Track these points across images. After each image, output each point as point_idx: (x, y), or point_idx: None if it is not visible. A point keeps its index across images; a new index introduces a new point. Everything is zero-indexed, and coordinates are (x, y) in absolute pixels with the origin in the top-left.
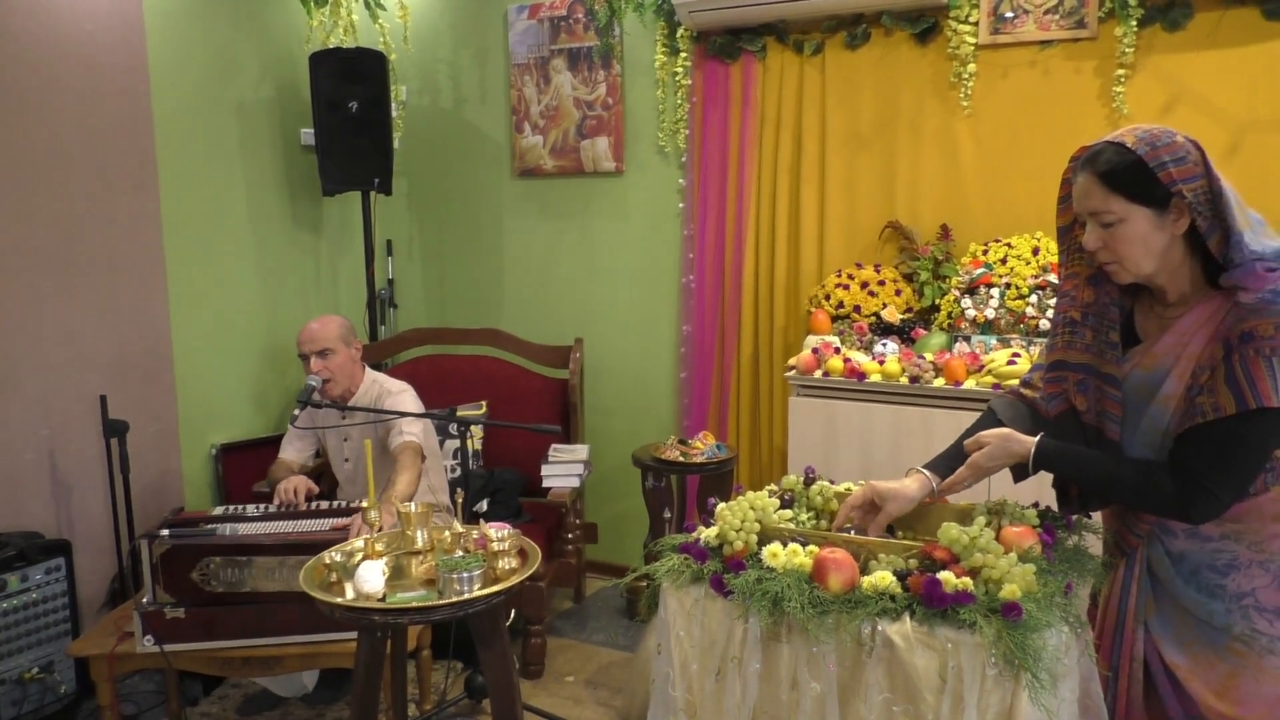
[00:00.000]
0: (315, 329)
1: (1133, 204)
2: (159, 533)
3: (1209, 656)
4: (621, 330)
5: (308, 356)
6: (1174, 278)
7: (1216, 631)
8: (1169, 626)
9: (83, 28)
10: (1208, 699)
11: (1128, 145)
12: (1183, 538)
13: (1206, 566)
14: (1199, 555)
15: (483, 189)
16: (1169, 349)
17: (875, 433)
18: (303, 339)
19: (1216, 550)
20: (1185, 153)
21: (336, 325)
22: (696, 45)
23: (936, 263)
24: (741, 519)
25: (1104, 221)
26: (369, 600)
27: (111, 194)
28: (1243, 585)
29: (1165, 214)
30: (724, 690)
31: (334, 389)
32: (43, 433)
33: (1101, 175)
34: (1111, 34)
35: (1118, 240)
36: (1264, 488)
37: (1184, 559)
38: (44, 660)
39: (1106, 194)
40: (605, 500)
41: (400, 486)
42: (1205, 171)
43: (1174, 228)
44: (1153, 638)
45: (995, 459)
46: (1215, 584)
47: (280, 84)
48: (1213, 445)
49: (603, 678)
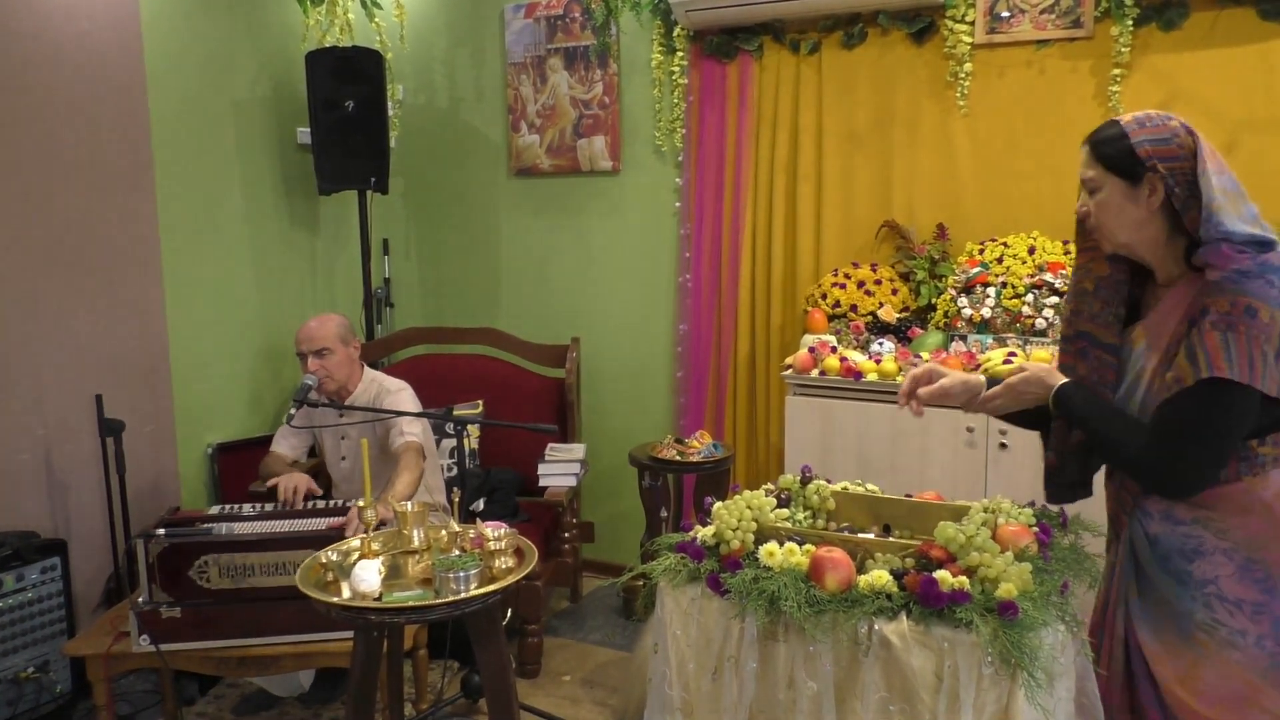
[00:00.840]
0: (313, 328)
1: (1109, 174)
2: (155, 532)
3: (1176, 643)
4: (618, 329)
5: (305, 355)
6: (1157, 255)
7: (1182, 617)
8: (1146, 609)
9: (79, 26)
10: (1171, 685)
11: (1121, 122)
12: (1157, 519)
13: (1176, 551)
14: (1170, 539)
15: (479, 188)
16: (1150, 326)
17: (872, 432)
18: (300, 338)
19: (1185, 535)
20: (1171, 134)
21: (335, 324)
22: (693, 44)
23: (933, 262)
24: (738, 518)
25: (1089, 189)
26: (365, 600)
27: (107, 193)
28: (1207, 572)
29: (1138, 187)
30: (721, 689)
31: (330, 386)
32: (38, 432)
33: (1092, 145)
34: (1107, 33)
35: (1098, 208)
36: (1236, 476)
37: (1158, 542)
38: (39, 660)
39: (1093, 162)
40: (602, 499)
41: (400, 487)
42: (1193, 155)
43: (1148, 202)
44: (1131, 619)
45: (1030, 386)
46: (1182, 569)
47: (276, 83)
48: (1178, 417)
49: (599, 677)
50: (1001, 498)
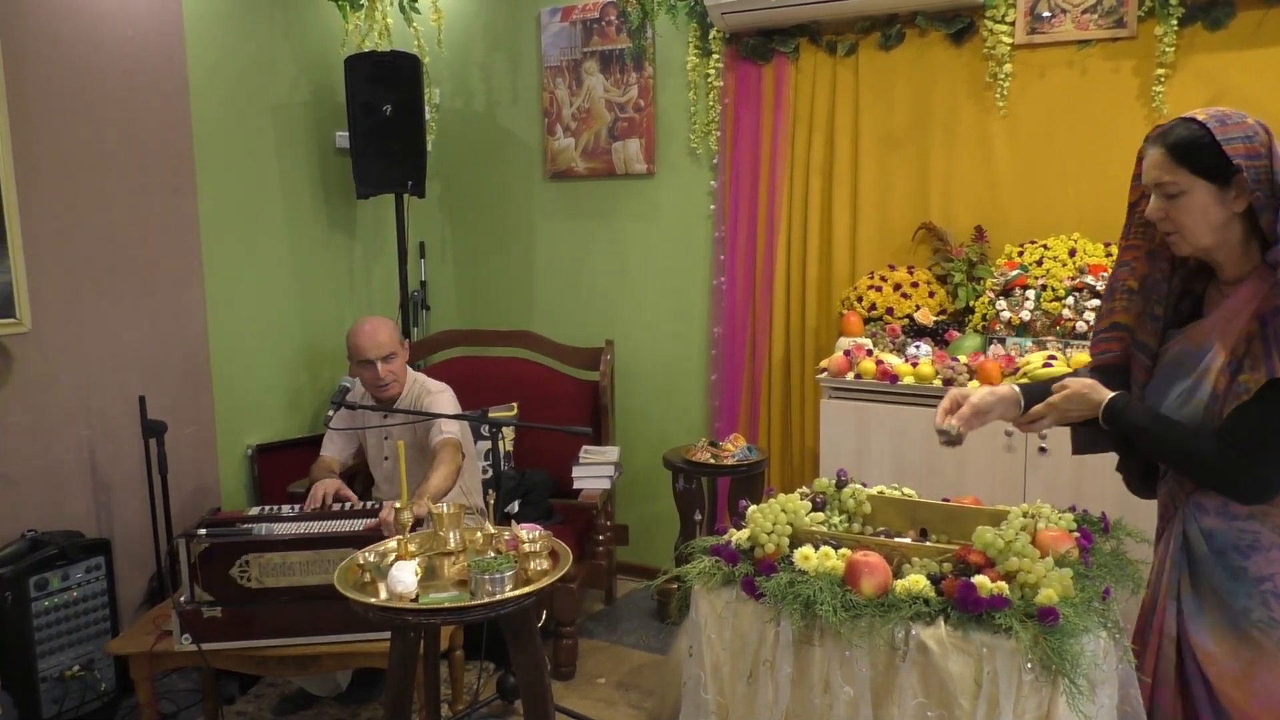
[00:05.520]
0: (380, 334)
1: (1196, 177)
2: (197, 532)
3: (1232, 642)
4: (652, 332)
5: (373, 362)
6: (1232, 255)
7: (1238, 615)
8: (1201, 607)
9: (123, 33)
10: (1225, 686)
11: (1199, 120)
12: (1213, 514)
13: (1231, 547)
14: (1226, 534)
15: (515, 191)
16: (1216, 324)
17: (908, 435)
18: (365, 345)
19: (1241, 530)
20: (1253, 133)
21: (393, 327)
22: (729, 47)
23: (971, 264)
24: (773, 521)
25: (1168, 193)
26: (402, 600)
27: (150, 196)
28: (1263, 569)
29: (1227, 190)
30: (756, 693)
31: (395, 390)
32: (83, 433)
33: (1170, 148)
34: (1151, 33)
35: (1179, 211)
36: None
37: (1213, 537)
38: (84, 658)
39: (1173, 166)
40: (636, 502)
41: (434, 481)
42: (1269, 153)
43: (1234, 204)
44: (1184, 617)
45: (1074, 404)
46: (1238, 565)
47: (316, 87)
48: (1254, 422)
49: (634, 679)
50: (1041, 502)
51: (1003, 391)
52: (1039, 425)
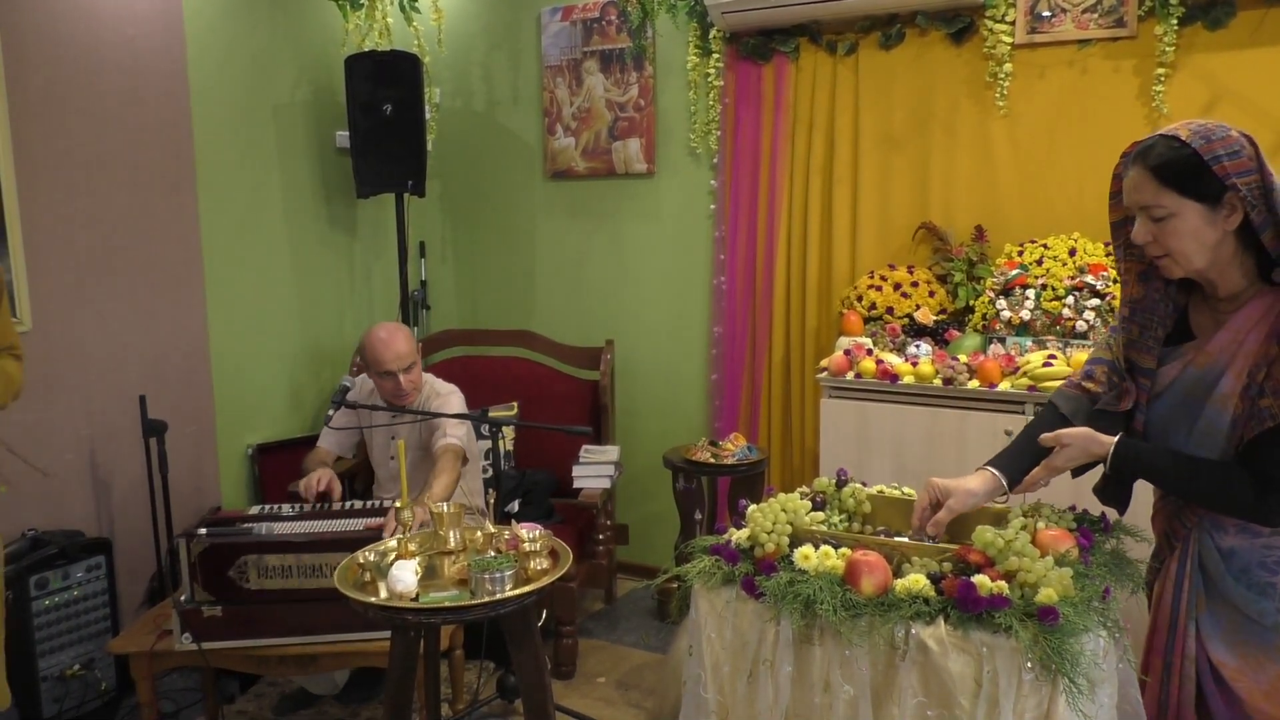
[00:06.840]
0: (399, 344)
1: (1185, 199)
2: (197, 531)
3: (1259, 657)
4: (652, 332)
5: (394, 373)
6: (1225, 273)
7: (1267, 631)
8: (1218, 624)
9: (123, 32)
10: (1257, 700)
11: (1181, 139)
12: (1233, 533)
13: (1257, 564)
14: (1250, 552)
15: (515, 191)
16: (1224, 346)
17: (908, 435)
18: (387, 357)
19: (1267, 546)
20: (1239, 147)
21: (409, 334)
22: (729, 46)
23: (971, 264)
24: (773, 521)
25: (1155, 216)
26: (402, 600)
27: (151, 196)
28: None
29: (1218, 209)
30: (756, 692)
31: (415, 397)
32: (83, 432)
33: (1154, 169)
34: (1151, 33)
35: (1168, 234)
36: None
37: (1234, 555)
38: (85, 658)
39: (1158, 188)
40: (636, 501)
41: (436, 489)
42: (1259, 166)
43: (1226, 223)
44: (1202, 635)
45: (1074, 460)
46: (1265, 582)
47: (316, 87)
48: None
49: (634, 679)
50: (1041, 502)
51: (980, 489)
52: (1036, 487)
